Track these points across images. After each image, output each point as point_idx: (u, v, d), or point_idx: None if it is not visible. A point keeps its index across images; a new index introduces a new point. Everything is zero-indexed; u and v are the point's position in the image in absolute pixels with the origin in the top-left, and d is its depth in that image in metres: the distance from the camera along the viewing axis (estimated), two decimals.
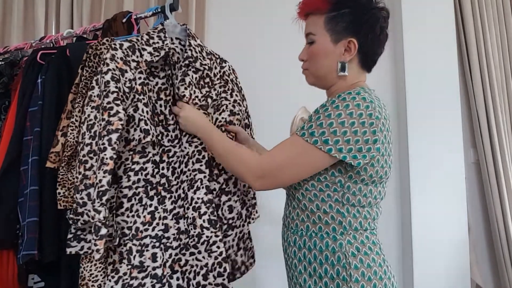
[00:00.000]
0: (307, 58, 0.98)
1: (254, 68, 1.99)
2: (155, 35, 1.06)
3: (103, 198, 0.89)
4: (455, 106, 1.94)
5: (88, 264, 1.02)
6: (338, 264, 0.88)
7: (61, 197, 1.06)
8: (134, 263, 0.97)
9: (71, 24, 1.97)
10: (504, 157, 2.00)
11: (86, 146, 0.94)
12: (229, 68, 1.23)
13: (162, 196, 1.02)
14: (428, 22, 1.95)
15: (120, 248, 0.97)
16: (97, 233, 0.88)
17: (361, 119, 0.84)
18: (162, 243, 1.00)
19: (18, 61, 1.46)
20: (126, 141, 0.98)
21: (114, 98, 0.93)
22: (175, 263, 1.01)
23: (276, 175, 0.90)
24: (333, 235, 0.90)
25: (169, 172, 1.04)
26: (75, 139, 1.06)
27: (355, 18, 0.91)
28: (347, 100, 0.85)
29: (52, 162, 1.08)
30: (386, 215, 2.02)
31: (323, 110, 0.87)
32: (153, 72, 1.06)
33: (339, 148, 0.84)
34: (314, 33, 0.95)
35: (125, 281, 0.95)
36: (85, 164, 0.93)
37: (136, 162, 0.99)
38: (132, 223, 0.98)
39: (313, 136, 0.85)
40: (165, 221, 1.01)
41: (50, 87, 1.19)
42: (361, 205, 0.91)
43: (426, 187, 1.90)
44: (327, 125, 0.84)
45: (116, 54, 0.97)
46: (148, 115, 0.99)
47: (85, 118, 0.96)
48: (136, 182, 0.99)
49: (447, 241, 1.89)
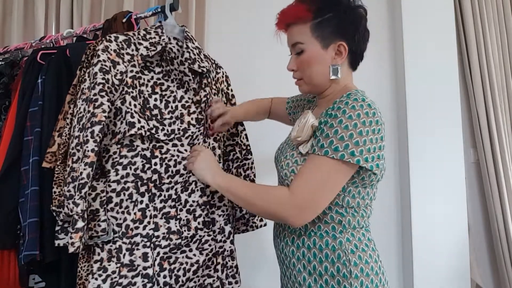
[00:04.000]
0: (298, 68, 0.98)
1: (254, 68, 1.99)
2: (152, 31, 1.06)
3: (82, 191, 0.87)
4: (455, 106, 1.94)
5: (85, 264, 1.01)
6: (338, 262, 0.89)
7: (56, 196, 1.05)
8: (123, 261, 0.94)
9: (71, 24, 1.96)
10: (504, 157, 2.00)
11: (75, 138, 0.92)
12: (222, 75, 1.23)
13: (153, 193, 1.00)
14: (428, 22, 1.95)
15: (109, 245, 0.94)
16: (74, 226, 0.86)
17: (372, 126, 0.85)
18: (152, 242, 0.98)
19: (18, 61, 1.46)
20: (113, 134, 0.96)
21: (99, 89, 0.91)
22: (164, 261, 1.00)
23: (315, 204, 0.87)
24: (332, 234, 0.92)
25: (162, 169, 1.02)
26: (67, 136, 1.04)
27: (340, 21, 0.92)
28: (356, 109, 0.85)
29: (48, 162, 1.08)
30: (386, 215, 2.03)
31: (337, 121, 0.85)
32: (148, 66, 1.06)
33: (365, 158, 0.84)
34: (302, 42, 0.94)
35: (113, 279, 0.93)
36: (73, 157, 0.92)
37: (124, 155, 0.97)
38: (122, 220, 0.96)
39: (337, 151, 0.84)
40: (155, 220, 0.99)
41: (50, 87, 1.19)
42: (359, 206, 0.93)
43: (426, 187, 1.90)
44: (348, 137, 0.83)
45: (109, 46, 0.97)
46: (136, 108, 0.97)
47: (76, 111, 0.95)
48: (125, 177, 0.97)
49: (447, 241, 1.89)
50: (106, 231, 0.93)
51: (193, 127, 1.09)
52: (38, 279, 1.24)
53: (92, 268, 0.93)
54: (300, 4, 0.94)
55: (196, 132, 1.09)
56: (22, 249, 1.08)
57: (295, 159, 0.93)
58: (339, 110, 0.86)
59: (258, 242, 1.88)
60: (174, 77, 1.09)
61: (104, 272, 0.93)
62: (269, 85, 1.98)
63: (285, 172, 0.94)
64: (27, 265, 1.13)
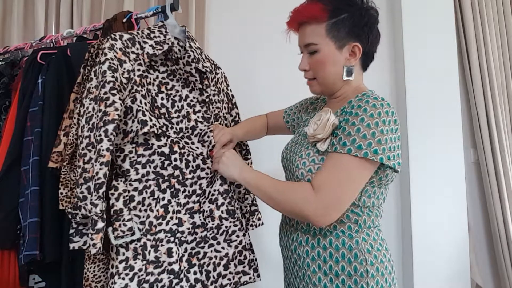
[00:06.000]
0: (310, 68, 0.97)
1: (254, 69, 1.99)
2: (155, 30, 1.06)
3: (100, 191, 0.86)
4: (455, 106, 1.94)
5: (91, 265, 1.01)
6: (355, 261, 0.89)
7: (63, 197, 1.04)
8: (149, 258, 0.94)
9: (71, 24, 1.96)
10: (504, 157, 2.00)
11: (85, 139, 0.91)
12: (221, 76, 1.23)
13: (176, 189, 0.99)
14: (428, 22, 1.95)
15: (134, 244, 0.94)
16: (94, 227, 0.86)
17: (391, 125, 0.85)
18: (176, 237, 0.97)
19: (18, 61, 1.46)
20: (124, 133, 0.95)
21: (110, 87, 0.90)
22: (192, 257, 0.99)
23: (339, 202, 0.86)
24: (348, 233, 0.92)
25: (182, 164, 1.01)
26: (74, 136, 1.03)
27: (355, 21, 0.92)
28: (377, 107, 0.85)
29: (54, 162, 1.07)
30: (386, 215, 2.02)
31: (359, 119, 0.84)
32: (153, 65, 1.06)
33: (388, 156, 0.85)
34: (316, 43, 0.93)
35: (140, 277, 0.92)
36: (84, 157, 0.90)
37: (141, 154, 0.96)
38: (145, 217, 0.95)
39: (361, 149, 0.83)
40: (179, 215, 0.99)
41: (51, 87, 1.19)
42: (373, 205, 0.93)
43: (426, 187, 1.90)
44: (370, 135, 0.83)
45: (115, 44, 0.96)
46: (146, 106, 0.97)
47: (84, 111, 0.94)
48: (145, 175, 0.96)
49: (447, 241, 1.89)
50: (132, 231, 0.93)
51: (201, 124, 1.09)
52: (38, 279, 1.24)
53: (117, 269, 0.91)
54: (315, 3, 0.92)
55: (205, 129, 1.08)
56: (22, 249, 1.08)
57: (312, 158, 0.92)
58: (359, 108, 0.85)
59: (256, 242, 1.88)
60: (179, 76, 1.09)
61: (131, 271, 0.91)
62: (269, 85, 1.99)
63: (301, 171, 0.93)
64: (27, 265, 1.13)
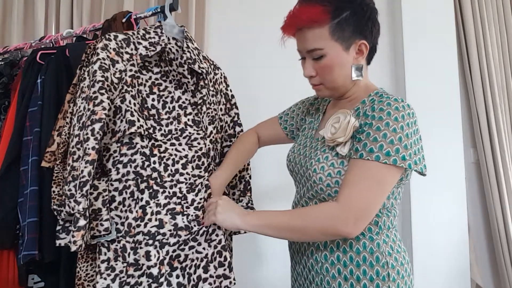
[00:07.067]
0: (317, 74, 0.92)
1: (255, 69, 1.99)
2: (151, 31, 1.06)
3: (84, 189, 0.86)
4: (455, 106, 1.94)
5: (84, 264, 1.01)
6: (377, 265, 0.86)
7: (55, 195, 1.03)
8: (129, 260, 0.93)
9: (71, 24, 1.96)
10: (504, 157, 2.00)
11: (75, 137, 0.92)
12: (221, 76, 1.23)
13: (155, 190, 0.99)
14: (428, 22, 1.95)
15: (114, 245, 0.94)
16: (75, 224, 0.86)
17: (413, 127, 0.84)
18: (157, 240, 0.96)
19: (18, 61, 1.46)
20: (113, 133, 0.96)
21: (99, 87, 0.91)
22: (173, 260, 0.97)
23: (370, 211, 0.83)
24: (369, 236, 0.88)
25: (161, 168, 1.01)
26: (67, 135, 1.03)
27: (358, 17, 0.87)
28: (400, 110, 0.82)
29: (47, 162, 1.08)
30: None
31: (384, 123, 0.82)
32: (146, 66, 1.06)
33: (415, 161, 0.83)
34: (322, 47, 0.87)
35: (122, 279, 0.92)
36: (73, 156, 0.91)
37: (124, 154, 0.96)
38: (125, 218, 0.95)
39: (389, 156, 0.80)
40: (159, 216, 0.97)
41: (50, 87, 1.19)
42: (392, 206, 0.91)
43: (426, 187, 1.89)
44: (397, 141, 0.81)
45: (109, 44, 0.96)
46: (135, 107, 0.97)
47: (76, 110, 0.95)
48: (125, 175, 0.96)
49: (447, 241, 1.89)
50: (109, 230, 0.92)
51: (190, 128, 1.08)
52: (37, 279, 1.24)
53: (99, 268, 0.91)
54: (312, 5, 0.86)
55: (194, 133, 1.08)
56: (21, 249, 1.08)
57: (331, 161, 0.88)
58: (382, 111, 0.82)
59: (256, 242, 1.88)
60: (172, 77, 1.09)
61: (112, 272, 0.92)
62: (269, 85, 1.99)
63: (320, 176, 0.88)
64: (26, 265, 1.13)
